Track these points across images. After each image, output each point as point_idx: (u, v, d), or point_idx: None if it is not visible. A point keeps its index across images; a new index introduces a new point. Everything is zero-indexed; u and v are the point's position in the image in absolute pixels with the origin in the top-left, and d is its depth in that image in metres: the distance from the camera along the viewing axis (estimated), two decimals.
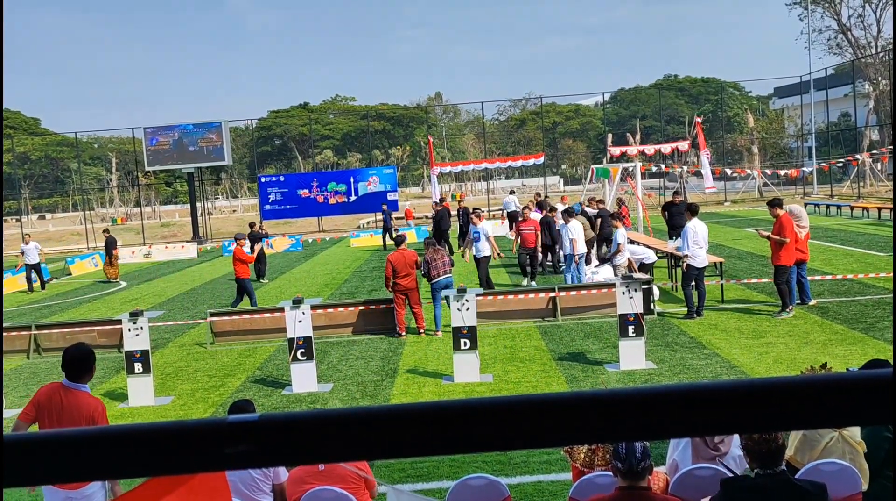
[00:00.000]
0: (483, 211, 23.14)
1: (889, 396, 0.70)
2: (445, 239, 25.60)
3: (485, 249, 16.43)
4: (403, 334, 13.31)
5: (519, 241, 18.28)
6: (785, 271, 12.71)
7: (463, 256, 18.81)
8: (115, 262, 25.82)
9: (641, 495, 4.05)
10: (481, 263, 16.57)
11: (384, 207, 31.62)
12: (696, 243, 12.95)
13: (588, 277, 16.21)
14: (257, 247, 18.83)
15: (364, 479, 5.40)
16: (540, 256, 19.13)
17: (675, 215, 19.76)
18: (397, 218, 35.38)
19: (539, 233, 18.28)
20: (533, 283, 17.53)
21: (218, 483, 1.35)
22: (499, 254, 16.93)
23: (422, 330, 13.45)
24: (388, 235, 29.49)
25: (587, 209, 21.08)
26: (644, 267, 15.72)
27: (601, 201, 22.19)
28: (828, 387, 0.71)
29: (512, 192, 34.40)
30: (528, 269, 18.18)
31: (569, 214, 16.69)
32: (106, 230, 27.22)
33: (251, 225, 24.14)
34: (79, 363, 5.61)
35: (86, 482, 5.11)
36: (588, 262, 17.10)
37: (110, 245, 25.69)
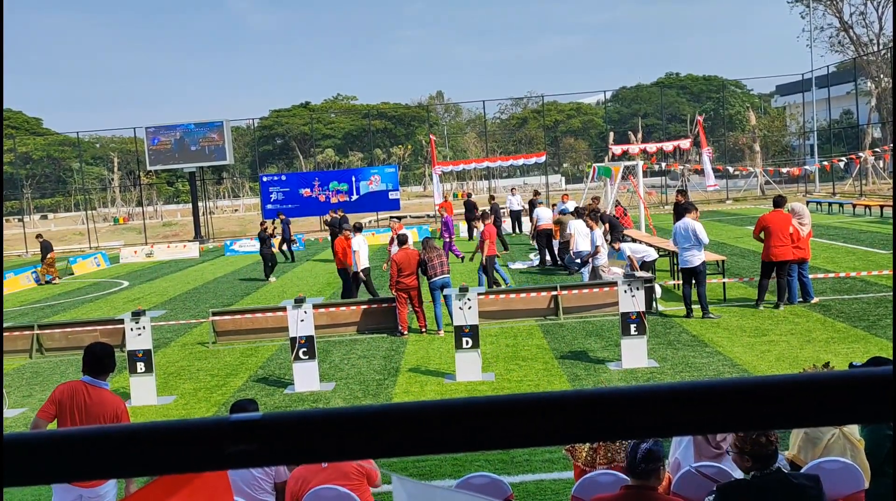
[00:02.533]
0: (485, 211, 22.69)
1: (889, 394, 0.70)
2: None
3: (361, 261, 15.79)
4: (406, 333, 13.32)
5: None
6: (764, 266, 13.25)
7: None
8: (53, 263, 26.91)
9: (645, 494, 4.05)
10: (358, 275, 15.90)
11: (280, 216, 27.96)
12: (681, 244, 12.98)
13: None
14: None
15: (366, 475, 5.41)
16: (537, 260, 19.11)
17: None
18: (429, 216, 34.53)
19: (491, 242, 16.58)
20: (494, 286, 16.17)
21: (220, 483, 1.35)
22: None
23: (423, 329, 13.46)
24: (287, 246, 27.02)
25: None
26: (645, 265, 15.67)
27: (596, 199, 22.24)
28: (828, 385, 0.71)
29: (513, 190, 34.44)
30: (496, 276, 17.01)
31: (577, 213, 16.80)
32: (39, 236, 28.35)
33: (262, 224, 24.21)
34: (105, 359, 5.67)
35: (94, 481, 5.12)
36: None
37: (46, 249, 26.73)
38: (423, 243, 14.04)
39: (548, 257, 20.85)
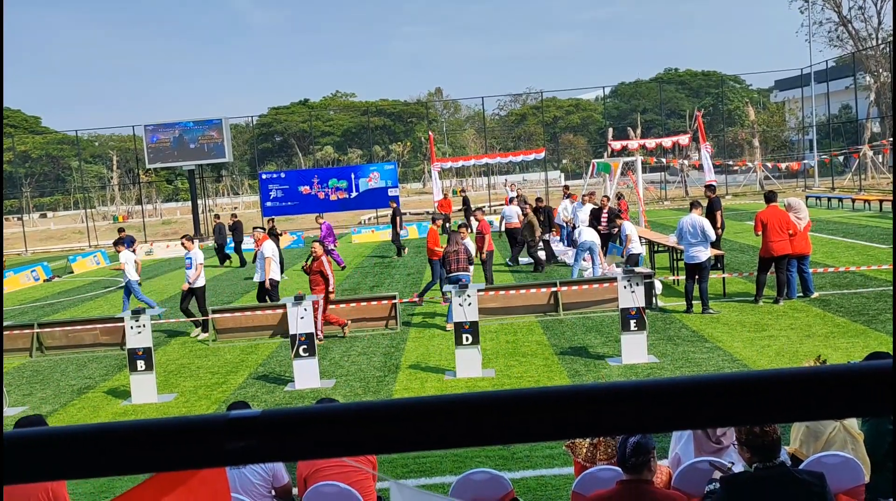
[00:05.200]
0: (483, 207, 22.85)
1: (889, 388, 0.70)
2: (221, 254, 26.59)
3: (193, 278, 14.32)
4: (346, 333, 13.39)
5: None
6: (761, 261, 13.37)
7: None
8: None
9: (641, 489, 4.05)
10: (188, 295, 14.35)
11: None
12: (687, 239, 12.99)
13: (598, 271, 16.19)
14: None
15: (372, 461, 5.39)
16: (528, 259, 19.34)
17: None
18: (429, 213, 34.36)
19: (488, 237, 16.89)
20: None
21: (219, 483, 1.34)
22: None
23: (345, 331, 13.41)
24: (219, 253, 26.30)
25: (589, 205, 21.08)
26: (631, 258, 15.36)
27: (592, 195, 22.25)
28: (828, 379, 0.71)
29: (512, 186, 34.48)
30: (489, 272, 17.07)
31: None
32: None
33: (269, 222, 24.21)
34: None
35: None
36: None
37: None
38: (449, 236, 14.08)
39: (544, 256, 20.86)
